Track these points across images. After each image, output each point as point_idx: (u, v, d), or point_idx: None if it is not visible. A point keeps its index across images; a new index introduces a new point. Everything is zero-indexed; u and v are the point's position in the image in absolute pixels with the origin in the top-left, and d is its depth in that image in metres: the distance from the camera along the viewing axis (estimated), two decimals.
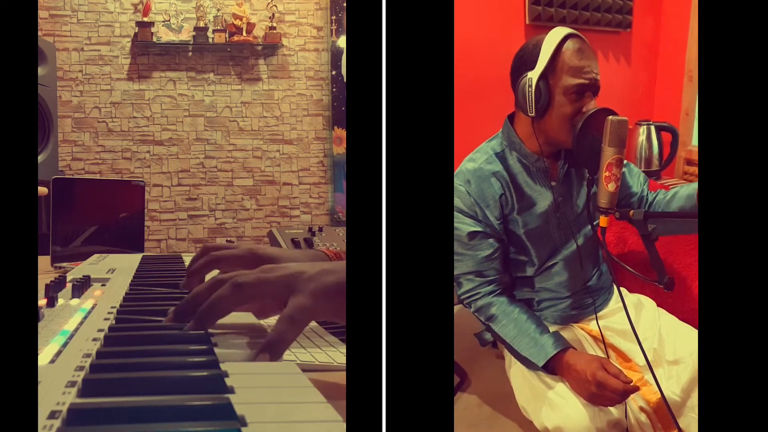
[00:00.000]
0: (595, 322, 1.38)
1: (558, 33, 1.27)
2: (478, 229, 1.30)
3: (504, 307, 1.30)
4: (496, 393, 1.43)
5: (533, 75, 1.26)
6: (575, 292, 1.40)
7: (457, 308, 1.74)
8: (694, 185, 1.37)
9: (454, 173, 1.35)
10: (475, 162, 1.33)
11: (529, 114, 1.28)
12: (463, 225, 1.30)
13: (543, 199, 1.32)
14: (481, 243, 1.30)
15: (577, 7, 2.48)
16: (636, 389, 1.15)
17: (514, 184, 1.31)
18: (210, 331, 0.61)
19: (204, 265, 0.81)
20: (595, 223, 1.33)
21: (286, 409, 0.42)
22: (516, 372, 1.33)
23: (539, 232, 1.33)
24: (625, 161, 1.48)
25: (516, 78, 1.30)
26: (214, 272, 0.83)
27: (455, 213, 1.30)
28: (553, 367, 1.23)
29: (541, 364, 1.22)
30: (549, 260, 1.36)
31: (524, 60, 1.29)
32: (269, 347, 0.57)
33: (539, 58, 1.26)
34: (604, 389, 1.12)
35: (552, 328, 1.32)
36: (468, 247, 1.31)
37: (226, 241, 3.81)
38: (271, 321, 0.77)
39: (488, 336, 1.46)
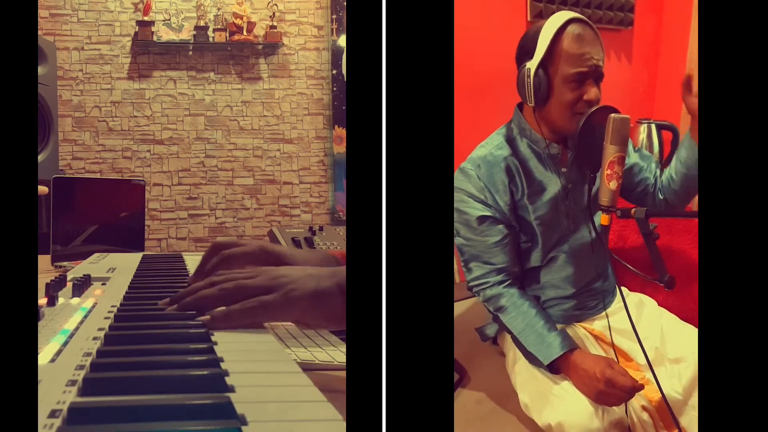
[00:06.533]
0: (597, 321, 1.38)
1: (558, 18, 1.24)
2: (488, 213, 1.28)
3: (514, 299, 1.29)
4: (496, 390, 1.42)
5: (531, 65, 1.25)
6: (580, 293, 1.39)
7: (457, 307, 1.74)
8: (687, 140, 1.36)
9: (466, 159, 1.34)
10: (486, 148, 1.32)
11: (530, 104, 1.27)
12: (472, 209, 1.29)
13: (552, 185, 1.31)
14: (490, 228, 1.29)
15: (579, 4, 2.48)
16: (642, 387, 1.14)
17: (524, 169, 1.30)
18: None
19: (216, 265, 0.81)
20: (596, 218, 1.33)
21: (286, 408, 0.42)
22: (521, 368, 1.32)
23: (549, 219, 1.32)
24: (636, 147, 1.47)
25: (519, 67, 1.29)
26: None
27: (465, 197, 1.29)
28: (557, 367, 1.22)
29: (546, 363, 1.21)
30: (556, 248, 1.35)
31: (525, 49, 1.27)
32: (217, 320, 0.63)
33: (537, 46, 1.25)
34: (613, 386, 1.11)
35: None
36: (477, 233, 1.30)
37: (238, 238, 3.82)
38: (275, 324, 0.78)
39: (490, 331, 1.45)
